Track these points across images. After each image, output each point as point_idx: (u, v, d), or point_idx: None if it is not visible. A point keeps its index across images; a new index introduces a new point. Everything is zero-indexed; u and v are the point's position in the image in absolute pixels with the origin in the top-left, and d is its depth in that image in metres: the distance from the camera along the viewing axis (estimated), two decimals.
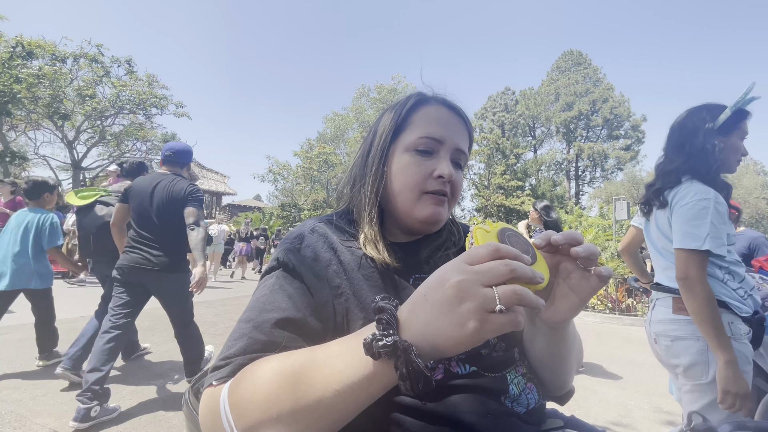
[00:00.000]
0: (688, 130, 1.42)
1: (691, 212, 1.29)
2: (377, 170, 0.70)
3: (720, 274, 1.32)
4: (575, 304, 0.52)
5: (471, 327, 0.38)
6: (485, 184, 29.44)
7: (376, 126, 0.75)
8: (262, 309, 0.57)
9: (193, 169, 11.51)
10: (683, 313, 1.33)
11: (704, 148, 1.37)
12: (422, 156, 0.67)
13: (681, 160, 1.41)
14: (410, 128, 0.69)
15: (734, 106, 1.34)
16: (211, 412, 0.48)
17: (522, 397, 0.60)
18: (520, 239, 0.49)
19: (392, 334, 0.40)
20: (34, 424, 2.01)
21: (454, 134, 0.69)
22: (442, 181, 0.66)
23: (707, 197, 1.29)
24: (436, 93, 0.74)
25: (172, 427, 2.08)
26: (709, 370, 1.26)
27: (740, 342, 1.25)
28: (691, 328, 1.31)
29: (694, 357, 1.30)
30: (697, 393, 1.30)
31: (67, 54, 12.83)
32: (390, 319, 0.41)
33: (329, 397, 0.43)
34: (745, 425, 0.49)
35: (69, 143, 14.14)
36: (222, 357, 0.53)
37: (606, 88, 33.98)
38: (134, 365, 2.99)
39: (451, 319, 0.39)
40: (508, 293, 0.37)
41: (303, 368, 0.45)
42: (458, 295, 0.38)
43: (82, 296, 6.01)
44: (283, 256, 0.63)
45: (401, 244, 0.71)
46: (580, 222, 14.82)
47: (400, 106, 0.72)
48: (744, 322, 1.28)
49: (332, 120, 24.10)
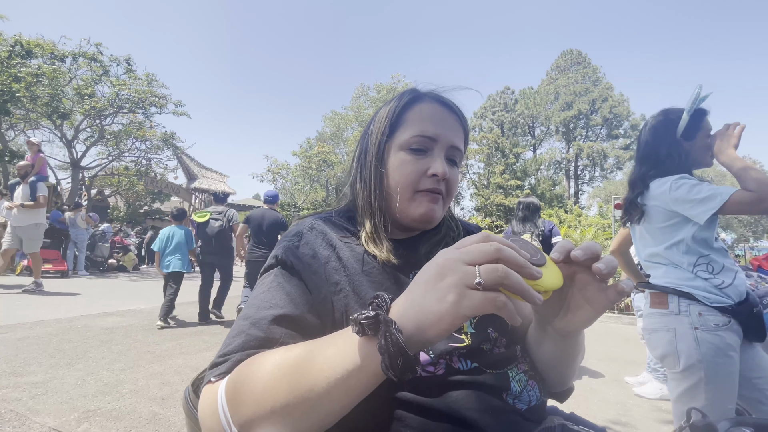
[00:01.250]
0: (652, 141, 1.50)
1: (683, 189, 1.34)
2: (375, 168, 0.71)
3: (689, 263, 1.36)
4: (590, 315, 0.50)
5: (450, 299, 0.38)
6: (484, 184, 29.40)
7: (372, 123, 0.75)
8: (260, 306, 0.57)
9: (192, 167, 12.29)
10: (656, 306, 1.41)
11: (670, 155, 1.44)
12: (416, 154, 0.68)
13: (647, 168, 1.49)
14: (404, 126, 0.69)
15: (689, 110, 1.40)
16: (210, 408, 0.48)
17: (523, 394, 0.60)
18: (529, 245, 0.47)
19: (376, 312, 0.41)
20: (34, 423, 2.00)
21: (448, 131, 0.69)
22: (436, 179, 0.66)
23: (679, 177, 1.38)
24: (430, 89, 0.73)
25: (172, 425, 2.08)
26: (680, 360, 1.32)
27: (711, 333, 1.28)
28: (663, 320, 1.38)
29: (665, 348, 1.36)
30: (675, 381, 1.36)
31: (66, 53, 12.77)
32: (380, 302, 0.42)
33: (321, 386, 0.42)
34: (745, 421, 0.49)
35: (68, 142, 14.09)
36: (220, 354, 0.53)
37: (605, 87, 33.99)
38: (134, 364, 2.99)
39: (433, 294, 0.39)
40: (490, 269, 0.37)
41: (298, 359, 0.45)
42: (441, 272, 0.40)
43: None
44: (281, 254, 0.63)
45: (400, 241, 0.71)
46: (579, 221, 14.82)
47: (394, 104, 0.72)
48: (721, 313, 1.29)
49: (331, 119, 24.09)
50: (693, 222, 1.34)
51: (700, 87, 1.37)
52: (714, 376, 1.26)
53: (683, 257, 1.37)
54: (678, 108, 1.47)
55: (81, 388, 2.47)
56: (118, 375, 2.75)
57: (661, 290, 1.40)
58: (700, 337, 1.28)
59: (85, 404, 2.25)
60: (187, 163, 22.33)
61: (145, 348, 3.45)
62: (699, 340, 1.28)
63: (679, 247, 1.38)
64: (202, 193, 22.94)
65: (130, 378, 2.71)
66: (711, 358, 1.26)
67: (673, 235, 1.40)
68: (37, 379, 2.57)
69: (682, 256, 1.37)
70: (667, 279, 1.40)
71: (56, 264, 8.10)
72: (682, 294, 1.34)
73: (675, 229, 1.39)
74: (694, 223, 1.35)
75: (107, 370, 2.82)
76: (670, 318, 1.36)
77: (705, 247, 1.36)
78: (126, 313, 4.87)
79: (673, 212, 1.38)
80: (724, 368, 1.26)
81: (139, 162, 16.50)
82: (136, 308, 5.24)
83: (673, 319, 1.35)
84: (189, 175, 22.86)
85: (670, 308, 1.36)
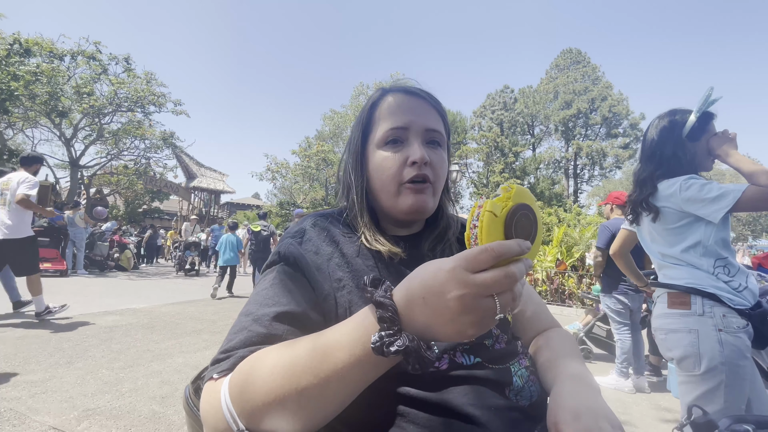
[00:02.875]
0: (658, 140, 1.49)
1: (693, 188, 1.33)
2: (358, 175, 0.71)
3: (708, 265, 1.35)
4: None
5: (470, 333, 0.41)
6: (484, 183, 29.43)
7: (351, 131, 0.76)
8: (262, 303, 0.57)
9: (191, 166, 12.92)
10: (677, 307, 1.38)
11: (675, 155, 1.43)
12: (392, 147, 0.67)
13: (653, 168, 1.48)
14: (376, 125, 0.70)
15: (698, 111, 1.39)
16: (212, 406, 0.48)
17: (525, 389, 0.60)
18: (529, 218, 0.46)
19: (398, 332, 0.41)
20: (34, 421, 2.00)
21: (418, 117, 0.68)
22: (417, 166, 0.66)
23: (688, 178, 1.37)
24: (396, 83, 0.74)
25: (172, 424, 2.08)
26: (701, 362, 1.29)
27: (733, 335, 1.27)
28: (684, 321, 1.35)
29: (686, 349, 1.33)
30: (692, 384, 1.33)
31: (65, 51, 12.70)
32: (393, 316, 0.42)
33: (333, 386, 0.43)
34: (745, 418, 0.49)
35: (67, 141, 14.02)
36: (222, 350, 0.53)
37: (605, 86, 33.95)
38: (133, 363, 2.99)
39: (452, 327, 0.41)
40: (508, 300, 0.40)
41: (305, 359, 0.45)
42: (461, 310, 0.39)
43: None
44: (284, 251, 0.63)
45: (402, 237, 0.71)
46: (578, 220, 14.83)
47: (362, 109, 0.74)
48: (740, 316, 1.29)
49: (331, 118, 24.08)
50: (706, 223, 1.33)
51: (711, 89, 1.36)
52: (734, 379, 1.24)
53: (701, 260, 1.35)
54: (686, 109, 1.46)
55: (81, 387, 2.47)
56: (117, 374, 2.75)
57: (684, 290, 1.37)
58: (724, 339, 1.26)
59: (85, 403, 2.25)
60: (187, 161, 22.29)
61: (145, 347, 3.45)
62: (723, 342, 1.26)
63: (696, 249, 1.36)
64: (201, 192, 22.91)
65: (129, 377, 2.71)
66: (733, 360, 1.24)
67: (686, 236, 1.38)
68: (36, 377, 2.57)
69: (700, 259, 1.35)
70: (690, 280, 1.36)
71: (55, 263, 8.09)
72: (706, 295, 1.31)
73: (687, 231, 1.38)
74: (707, 224, 1.33)
75: (107, 369, 2.82)
76: (692, 319, 1.33)
77: (723, 249, 1.34)
78: (125, 312, 4.86)
79: (684, 213, 1.36)
80: (744, 371, 1.25)
81: (138, 161, 16.43)
82: (135, 307, 5.24)
83: (695, 321, 1.32)
84: (188, 174, 22.82)
85: (693, 309, 1.33)
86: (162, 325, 4.32)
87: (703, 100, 1.37)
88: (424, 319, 0.41)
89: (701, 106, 1.38)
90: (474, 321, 0.40)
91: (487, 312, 0.39)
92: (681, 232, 1.39)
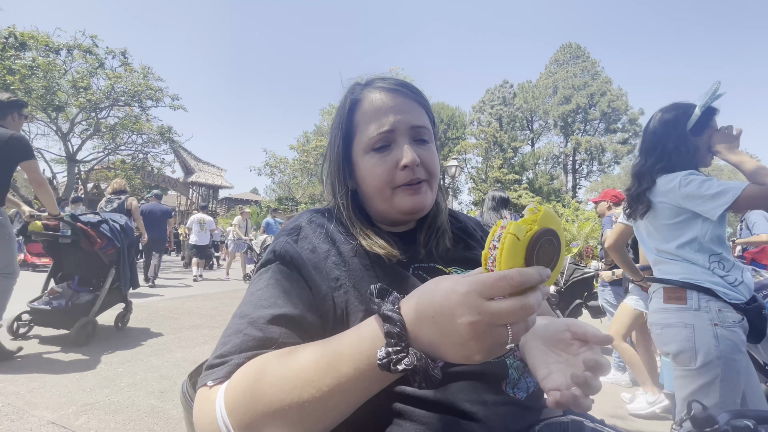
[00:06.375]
0: (661, 133, 1.47)
1: (693, 185, 1.33)
2: (341, 182, 0.70)
3: (704, 260, 1.35)
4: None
5: (477, 359, 0.39)
6: (482, 178, 29.43)
7: (330, 134, 0.74)
8: (257, 304, 0.55)
9: (189, 161, 12.70)
10: (673, 302, 1.38)
11: (678, 149, 1.42)
12: (381, 152, 0.65)
13: (653, 161, 1.47)
14: (359, 129, 0.67)
15: (703, 106, 1.38)
16: (206, 414, 0.46)
17: (521, 381, 0.60)
18: (553, 244, 0.43)
19: (405, 348, 0.40)
20: (32, 416, 2.00)
21: (402, 115, 0.66)
22: (410, 169, 0.64)
23: (688, 173, 1.36)
24: (373, 79, 0.71)
25: (170, 418, 2.08)
26: (697, 357, 1.29)
27: (729, 330, 1.28)
28: (680, 315, 1.35)
29: (681, 344, 1.34)
30: (687, 378, 1.33)
31: (61, 45, 12.59)
32: (401, 332, 0.41)
33: (336, 399, 0.43)
34: (745, 413, 0.49)
35: (63, 135, 13.93)
36: (217, 354, 0.51)
37: (604, 81, 33.93)
38: (132, 357, 2.99)
39: (460, 350, 0.39)
40: (521, 330, 0.38)
41: (307, 372, 0.44)
42: (471, 336, 0.38)
43: None
44: (280, 249, 0.61)
45: (398, 234, 0.71)
46: (576, 215, 14.85)
47: (340, 112, 0.71)
48: (736, 310, 1.29)
49: (329, 112, 24.00)
50: (703, 219, 1.33)
51: (718, 83, 1.34)
52: (729, 373, 1.25)
53: (697, 255, 1.35)
54: (689, 103, 1.44)
55: (79, 382, 2.47)
56: (116, 368, 2.75)
57: (680, 285, 1.37)
58: (720, 333, 1.27)
59: (84, 397, 2.25)
60: (184, 156, 22.23)
61: (144, 341, 3.45)
62: (718, 337, 1.27)
63: (692, 245, 1.36)
64: (199, 186, 22.86)
65: (128, 371, 2.71)
66: (729, 354, 1.25)
67: (682, 232, 1.38)
68: (35, 372, 2.57)
69: (696, 254, 1.36)
70: (685, 275, 1.37)
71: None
72: (702, 290, 1.32)
73: (684, 227, 1.38)
74: (704, 220, 1.33)
75: (105, 364, 2.82)
76: (688, 314, 1.33)
77: (718, 245, 1.35)
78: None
79: (682, 209, 1.36)
80: (739, 365, 1.26)
81: (136, 156, 16.36)
82: (133, 302, 5.22)
83: (691, 315, 1.32)
84: (186, 169, 22.77)
85: (689, 304, 1.33)
86: (160, 320, 4.32)
87: (710, 94, 1.35)
88: (432, 338, 0.40)
89: (707, 101, 1.36)
90: (483, 348, 0.38)
91: (499, 340, 0.38)
92: (678, 228, 1.39)
